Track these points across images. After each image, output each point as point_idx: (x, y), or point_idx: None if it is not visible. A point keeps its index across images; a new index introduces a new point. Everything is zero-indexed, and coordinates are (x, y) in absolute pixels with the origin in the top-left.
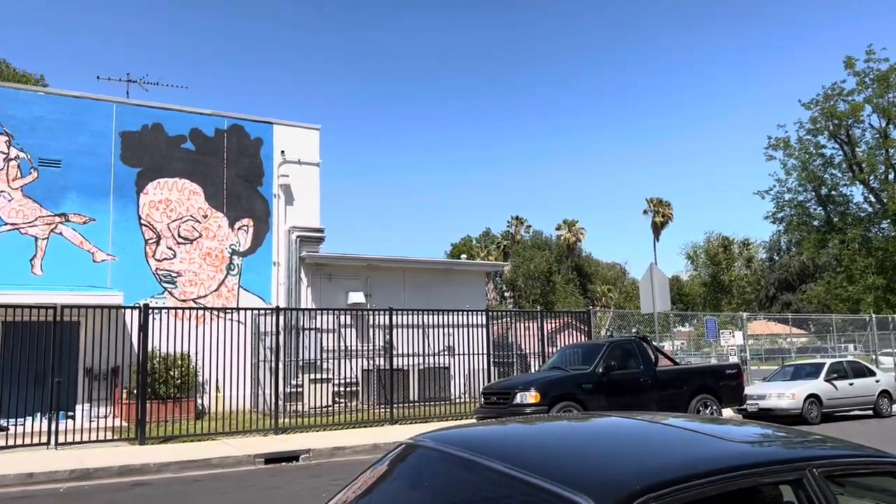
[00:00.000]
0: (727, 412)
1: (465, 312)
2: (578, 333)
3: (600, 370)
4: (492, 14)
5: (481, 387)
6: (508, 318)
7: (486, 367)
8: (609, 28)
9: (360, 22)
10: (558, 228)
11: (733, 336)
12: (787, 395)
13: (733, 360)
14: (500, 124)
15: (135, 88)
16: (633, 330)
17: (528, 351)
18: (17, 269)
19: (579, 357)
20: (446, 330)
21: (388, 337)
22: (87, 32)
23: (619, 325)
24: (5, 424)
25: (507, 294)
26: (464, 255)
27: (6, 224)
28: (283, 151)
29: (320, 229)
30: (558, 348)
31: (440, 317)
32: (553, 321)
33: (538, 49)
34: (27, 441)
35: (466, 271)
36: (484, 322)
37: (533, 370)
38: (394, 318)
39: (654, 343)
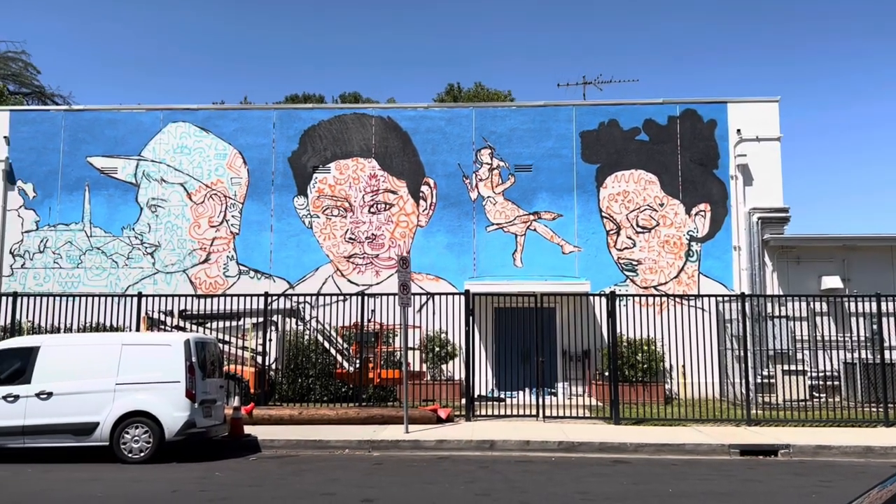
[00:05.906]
0: None
1: None
2: None
3: None
4: None
5: None
6: None
7: None
8: None
9: None
10: None
11: None
12: None
13: None
14: None
15: (590, 90)
16: None
17: None
18: (503, 263)
19: None
20: None
21: (875, 327)
22: (546, 46)
23: None
24: (503, 396)
25: None
26: None
27: (493, 224)
28: (738, 130)
29: (784, 209)
30: None
31: None
32: None
33: None
34: (519, 412)
35: None
36: None
37: None
38: (882, 304)
39: None
